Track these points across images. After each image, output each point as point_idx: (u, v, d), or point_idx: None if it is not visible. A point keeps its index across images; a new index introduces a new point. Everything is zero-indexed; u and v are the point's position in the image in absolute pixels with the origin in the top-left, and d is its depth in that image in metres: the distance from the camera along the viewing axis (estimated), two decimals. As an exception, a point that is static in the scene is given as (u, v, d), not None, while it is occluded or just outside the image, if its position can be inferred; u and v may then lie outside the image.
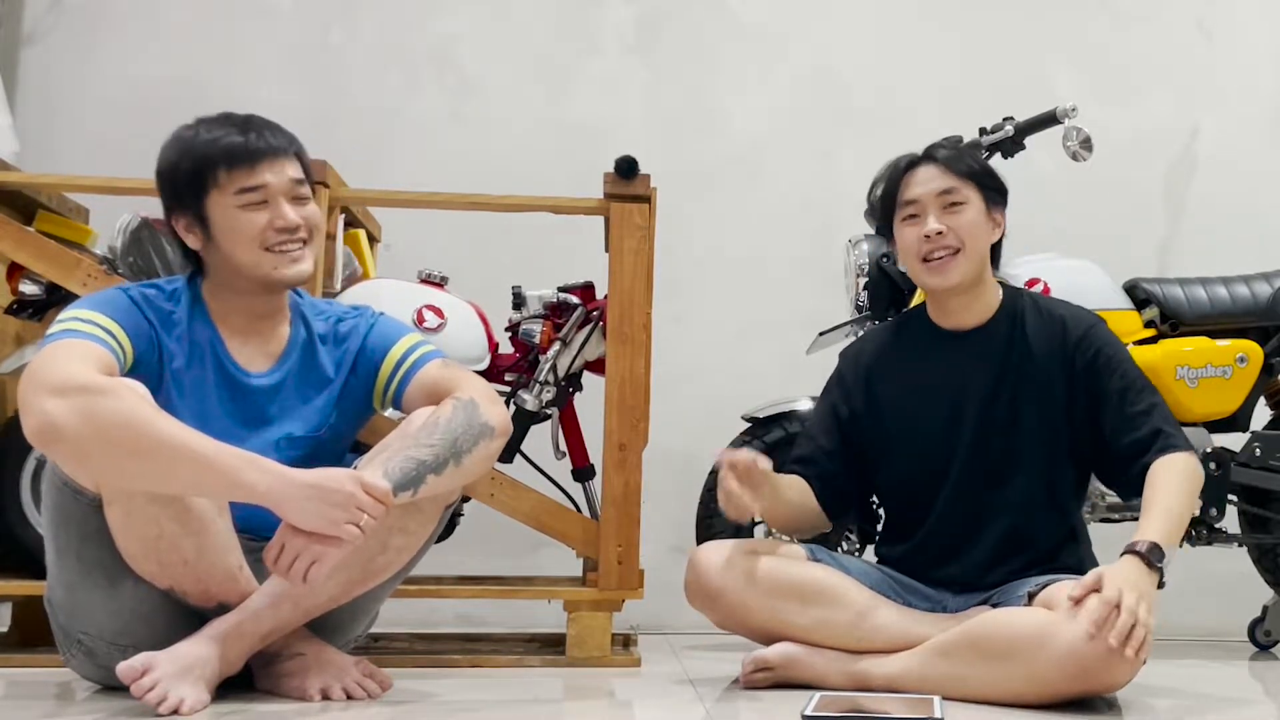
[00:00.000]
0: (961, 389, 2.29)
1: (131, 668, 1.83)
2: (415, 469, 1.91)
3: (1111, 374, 2.23)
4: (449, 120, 3.68)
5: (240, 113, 2.09)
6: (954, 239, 2.25)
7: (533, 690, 2.22)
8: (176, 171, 2.03)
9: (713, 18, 3.77)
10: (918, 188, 2.28)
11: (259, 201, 2.02)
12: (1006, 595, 2.17)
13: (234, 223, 2.02)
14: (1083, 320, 2.30)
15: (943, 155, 2.30)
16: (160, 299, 2.05)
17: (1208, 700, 2.30)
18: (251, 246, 2.02)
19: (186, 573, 1.92)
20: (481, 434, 2.00)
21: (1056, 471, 2.27)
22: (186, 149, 2.03)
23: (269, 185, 2.02)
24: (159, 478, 1.80)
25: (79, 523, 1.92)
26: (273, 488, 1.81)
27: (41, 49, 3.61)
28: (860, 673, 2.13)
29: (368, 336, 2.16)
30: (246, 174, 2.01)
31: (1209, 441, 2.93)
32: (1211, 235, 3.69)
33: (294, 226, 2.04)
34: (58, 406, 1.75)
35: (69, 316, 1.92)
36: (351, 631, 2.15)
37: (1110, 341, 2.28)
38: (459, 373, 2.12)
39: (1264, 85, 3.83)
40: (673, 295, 3.23)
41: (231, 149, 2.01)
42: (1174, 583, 3.29)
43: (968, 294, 2.30)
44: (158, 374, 2.00)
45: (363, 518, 1.83)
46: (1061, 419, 2.26)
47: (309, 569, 1.83)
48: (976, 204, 2.28)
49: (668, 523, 3.18)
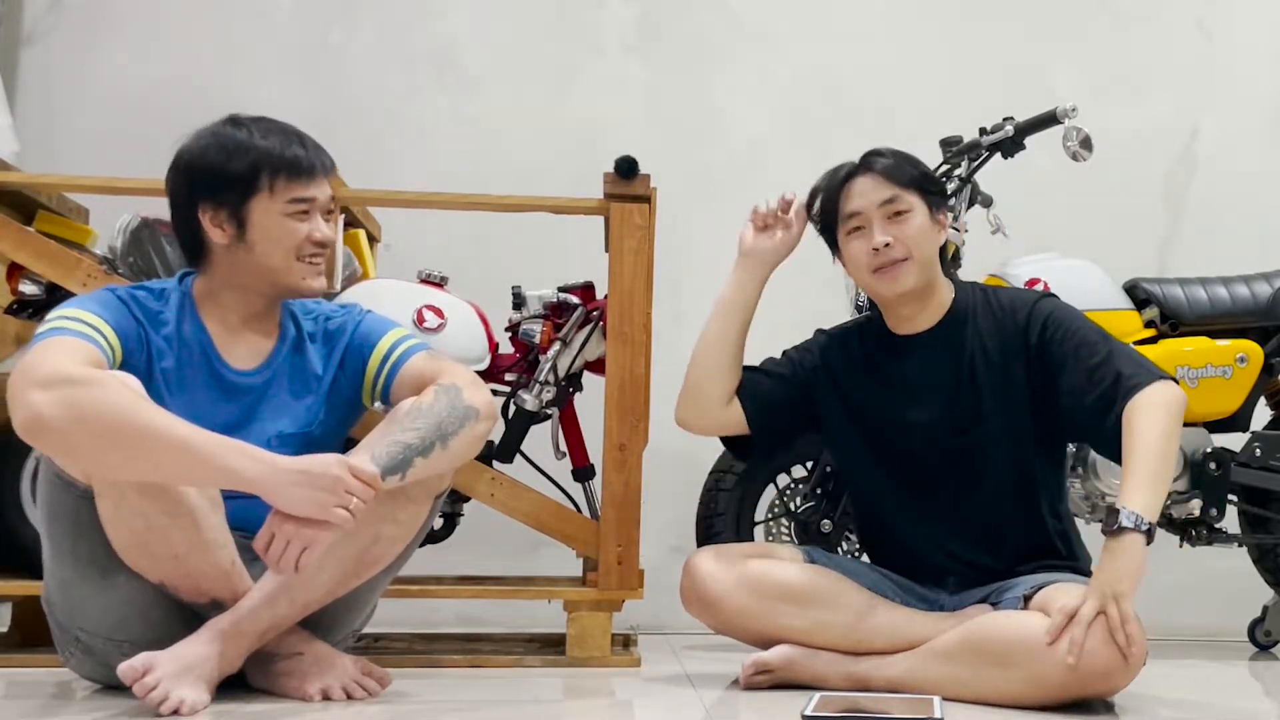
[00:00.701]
0: (919, 392, 2.28)
1: (132, 668, 1.83)
2: (402, 452, 1.92)
3: (1063, 339, 2.20)
4: (449, 120, 3.67)
5: (279, 119, 2.14)
6: (901, 249, 2.23)
7: (533, 690, 2.22)
8: (224, 169, 2.05)
9: (713, 18, 3.77)
10: (859, 199, 2.27)
11: (303, 212, 2.08)
12: (1004, 595, 2.17)
13: (278, 229, 2.07)
14: (1026, 299, 2.28)
15: (881, 165, 2.27)
16: (149, 299, 2.08)
17: (1208, 700, 2.30)
18: (288, 254, 2.08)
19: (176, 567, 1.93)
20: (466, 416, 2.01)
21: (1025, 465, 2.25)
22: (240, 150, 2.06)
23: (316, 200, 2.10)
24: (146, 467, 1.81)
25: (72, 516, 1.93)
26: (260, 474, 1.82)
27: (41, 49, 3.61)
28: (860, 674, 2.14)
29: (354, 333, 2.18)
30: (302, 186, 2.08)
31: (1209, 441, 2.93)
32: (1211, 235, 3.69)
33: (327, 242, 2.12)
34: (43, 398, 1.76)
35: (57, 315, 1.94)
36: (348, 626, 2.15)
37: (1056, 309, 2.25)
38: (444, 363, 2.13)
39: (1264, 85, 3.83)
40: (673, 295, 3.23)
41: (295, 161, 2.07)
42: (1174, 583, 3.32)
43: (919, 299, 2.29)
44: (146, 372, 2.01)
45: (351, 501, 1.84)
46: (1024, 408, 2.23)
47: (300, 556, 1.83)
48: (920, 210, 2.26)
49: (668, 523, 3.18)
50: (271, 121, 2.13)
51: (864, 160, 2.30)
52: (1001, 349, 2.25)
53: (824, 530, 2.83)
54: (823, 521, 2.84)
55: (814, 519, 2.86)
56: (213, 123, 2.12)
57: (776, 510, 2.95)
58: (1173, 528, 2.95)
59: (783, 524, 2.94)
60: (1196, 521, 2.92)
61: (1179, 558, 3.05)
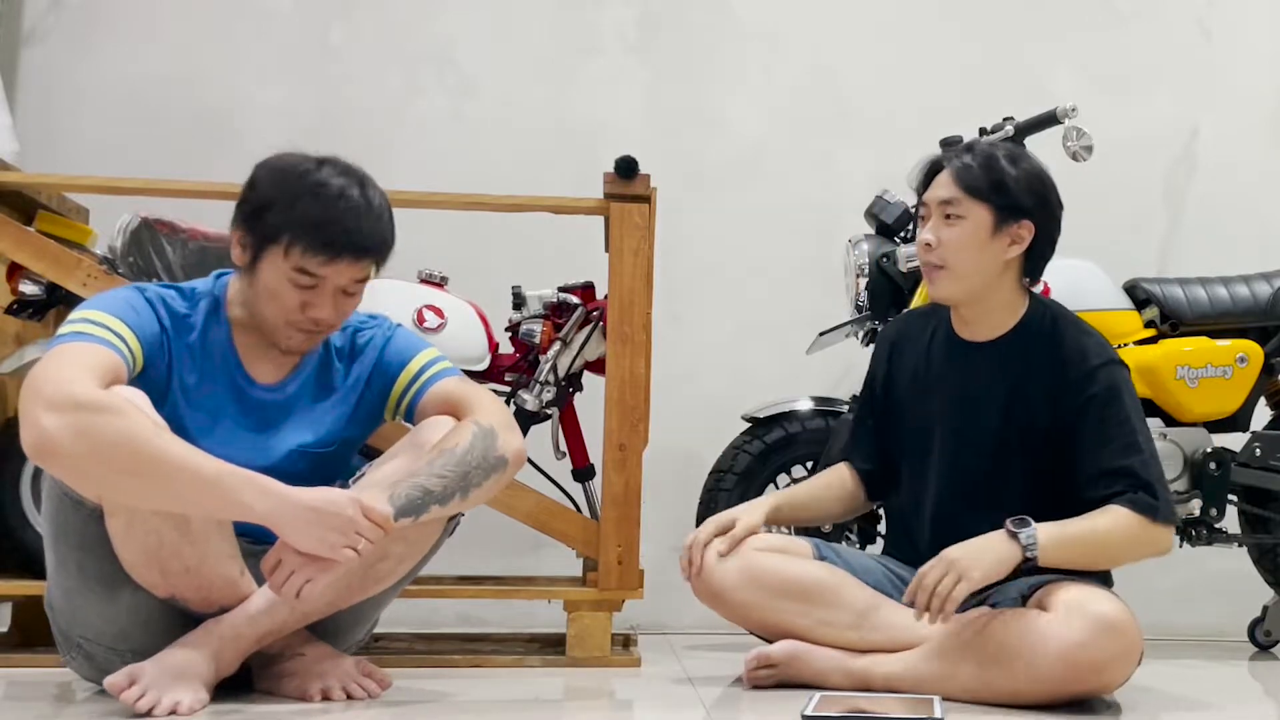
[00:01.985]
0: (963, 402, 2.28)
1: (115, 683, 1.83)
2: (421, 498, 1.90)
3: (1106, 409, 2.15)
4: (449, 120, 3.67)
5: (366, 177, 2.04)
6: (938, 256, 2.21)
7: (533, 690, 2.22)
8: (265, 204, 1.97)
9: (713, 18, 3.76)
10: (931, 190, 2.26)
11: (310, 285, 1.98)
12: (1003, 595, 2.17)
13: (278, 287, 1.97)
14: (1097, 357, 2.19)
15: (955, 164, 2.23)
16: (177, 300, 2.01)
17: (1208, 700, 2.30)
18: (279, 314, 1.99)
19: (188, 580, 1.91)
20: (495, 467, 1.98)
21: (1041, 492, 2.22)
22: (289, 194, 1.96)
23: (326, 279, 1.98)
24: (156, 496, 1.79)
25: (78, 532, 1.91)
26: (272, 509, 1.80)
27: (41, 49, 3.61)
28: (861, 671, 2.14)
29: (384, 351, 2.14)
30: (319, 264, 1.96)
31: (1209, 441, 2.93)
32: (1211, 235, 3.68)
33: (323, 324, 2.01)
34: (54, 422, 1.71)
35: (79, 317, 1.88)
36: (351, 637, 2.15)
37: (1118, 381, 2.18)
38: (476, 391, 2.10)
39: (1264, 85, 3.83)
40: (673, 295, 3.23)
41: (328, 240, 1.94)
42: (1174, 583, 3.32)
43: (976, 308, 2.26)
44: (165, 379, 1.97)
45: (360, 542, 1.82)
46: (1044, 445, 2.21)
47: (302, 588, 1.83)
48: (977, 220, 2.20)
49: (668, 523, 3.18)
50: (352, 178, 2.01)
51: (948, 153, 2.29)
52: (1049, 386, 2.20)
53: (824, 530, 2.82)
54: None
55: (814, 519, 2.87)
56: (304, 153, 2.02)
57: (777, 510, 2.95)
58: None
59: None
60: (1196, 521, 2.92)
61: (1179, 558, 3.04)
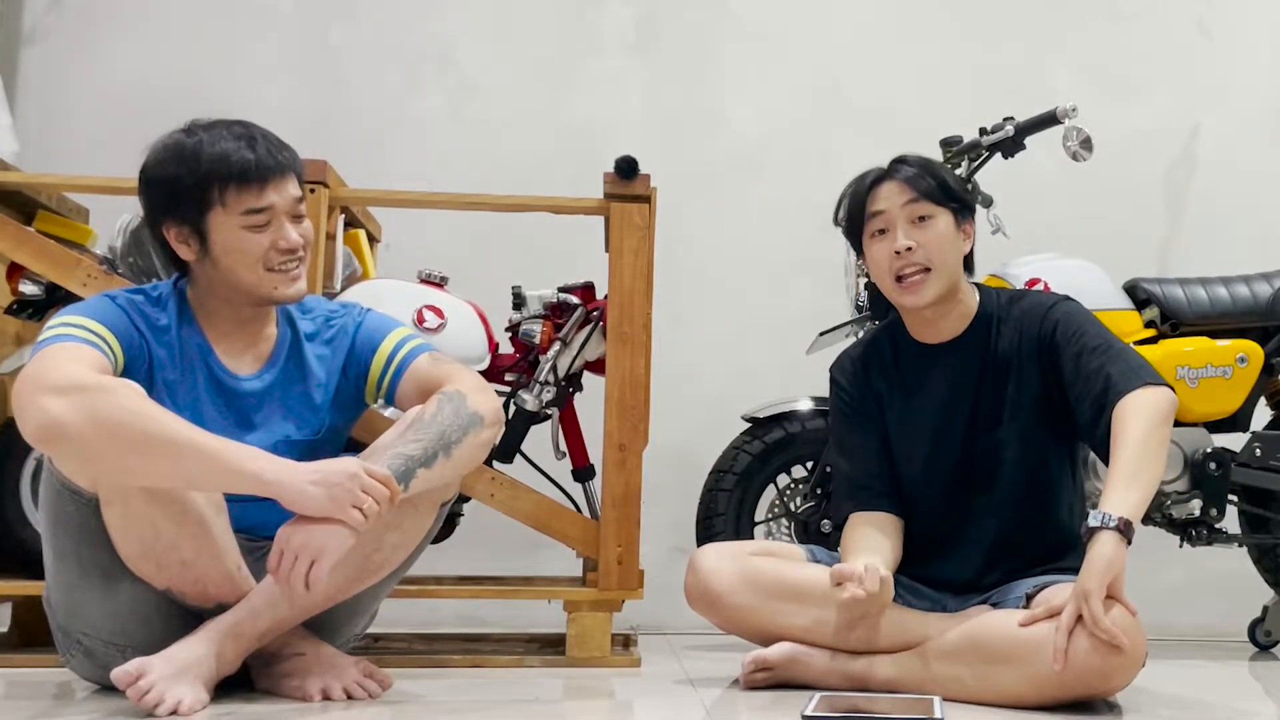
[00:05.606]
0: (942, 403, 2.28)
1: (126, 673, 1.83)
2: (404, 464, 1.91)
3: (1068, 343, 2.19)
4: (449, 120, 3.67)
5: (238, 120, 2.05)
6: (923, 256, 2.22)
7: (533, 690, 2.22)
8: (177, 184, 1.99)
9: (713, 18, 3.77)
10: (884, 201, 2.26)
11: (264, 223, 2.00)
12: (1005, 595, 2.17)
13: (239, 243, 2.00)
14: (1044, 303, 2.26)
15: (905, 173, 2.25)
16: (147, 305, 2.04)
17: (1208, 700, 2.30)
18: (255, 267, 2.01)
19: (184, 573, 1.92)
20: (470, 424, 2.00)
21: (1043, 470, 2.25)
22: (189, 161, 1.98)
23: (274, 206, 2.01)
24: (164, 472, 1.80)
25: (76, 525, 1.92)
26: (279, 475, 1.82)
27: (41, 49, 3.61)
28: (860, 673, 2.14)
29: (355, 336, 2.15)
30: (255, 195, 1.99)
31: (1209, 441, 2.93)
32: (1211, 235, 3.69)
33: (296, 248, 2.04)
34: (59, 405, 1.75)
35: (58, 323, 1.91)
36: (349, 631, 2.15)
37: (1070, 312, 2.24)
38: (450, 366, 2.12)
39: (1264, 85, 3.83)
40: (673, 295, 3.23)
41: (242, 167, 1.97)
42: (1174, 583, 3.32)
43: (942, 308, 2.28)
44: (147, 380, 1.99)
45: (367, 501, 1.83)
46: (1041, 413, 2.23)
47: (310, 570, 1.83)
48: (944, 219, 2.25)
49: (668, 523, 3.18)
50: (225, 125, 2.02)
51: (891, 166, 2.29)
52: (1020, 354, 2.24)
53: (824, 530, 2.83)
54: (823, 521, 2.84)
55: (814, 519, 2.87)
56: (170, 132, 2.03)
57: (776, 510, 2.95)
58: (1173, 528, 2.95)
59: (783, 524, 2.94)
60: (1196, 521, 2.92)
61: (1179, 558, 3.05)
